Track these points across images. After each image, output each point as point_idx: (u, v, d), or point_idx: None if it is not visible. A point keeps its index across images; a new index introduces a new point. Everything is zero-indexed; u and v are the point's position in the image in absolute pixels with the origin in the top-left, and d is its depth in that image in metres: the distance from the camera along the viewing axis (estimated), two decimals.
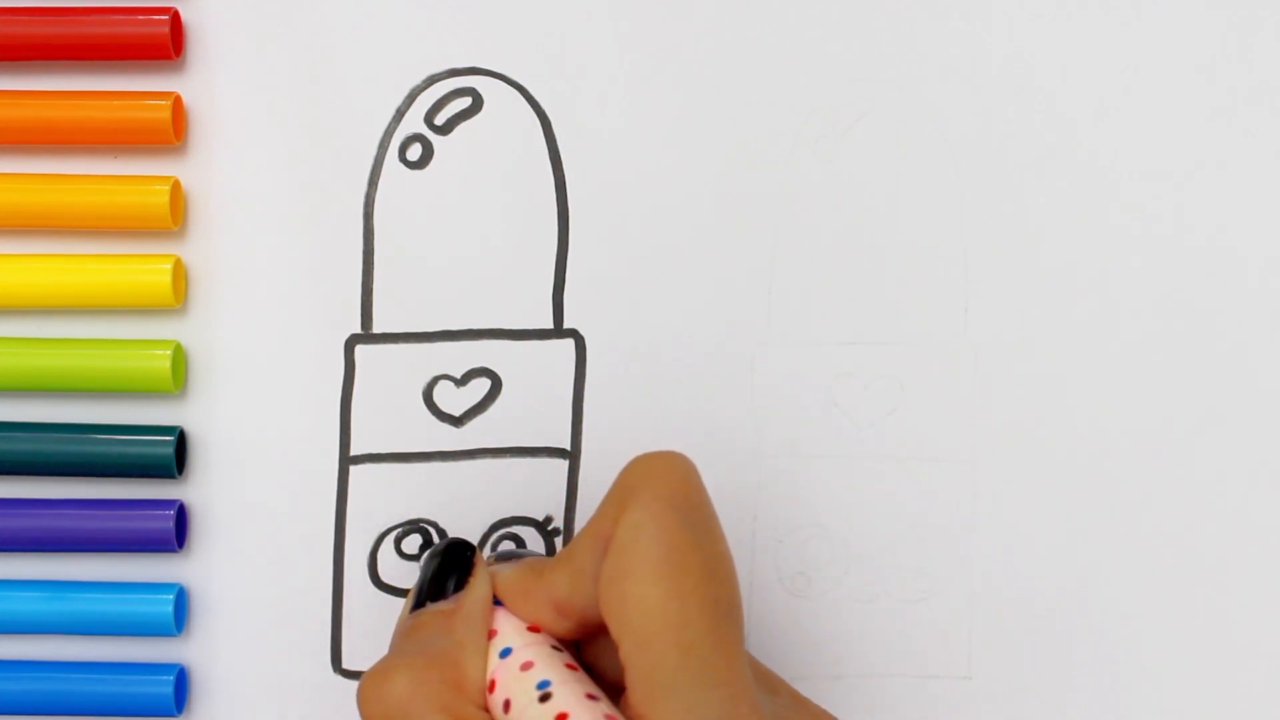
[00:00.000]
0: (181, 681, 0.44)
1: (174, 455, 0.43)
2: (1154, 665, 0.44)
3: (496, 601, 0.38)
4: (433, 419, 0.43)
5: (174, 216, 0.43)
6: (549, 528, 0.44)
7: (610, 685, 0.35)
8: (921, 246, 0.43)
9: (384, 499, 0.44)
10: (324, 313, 0.43)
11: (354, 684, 0.43)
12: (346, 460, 0.43)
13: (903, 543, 0.44)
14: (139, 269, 0.43)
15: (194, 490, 0.44)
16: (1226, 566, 0.43)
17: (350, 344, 0.43)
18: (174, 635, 0.43)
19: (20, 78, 0.43)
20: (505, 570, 0.38)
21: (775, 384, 0.44)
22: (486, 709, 0.35)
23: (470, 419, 0.43)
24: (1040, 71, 0.43)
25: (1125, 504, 0.43)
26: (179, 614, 0.43)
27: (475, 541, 0.44)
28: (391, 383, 0.43)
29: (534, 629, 0.37)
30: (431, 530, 0.44)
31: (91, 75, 0.43)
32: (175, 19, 0.43)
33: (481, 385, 0.43)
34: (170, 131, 0.42)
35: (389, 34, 0.43)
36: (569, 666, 0.35)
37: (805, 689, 0.43)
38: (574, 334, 0.43)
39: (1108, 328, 0.43)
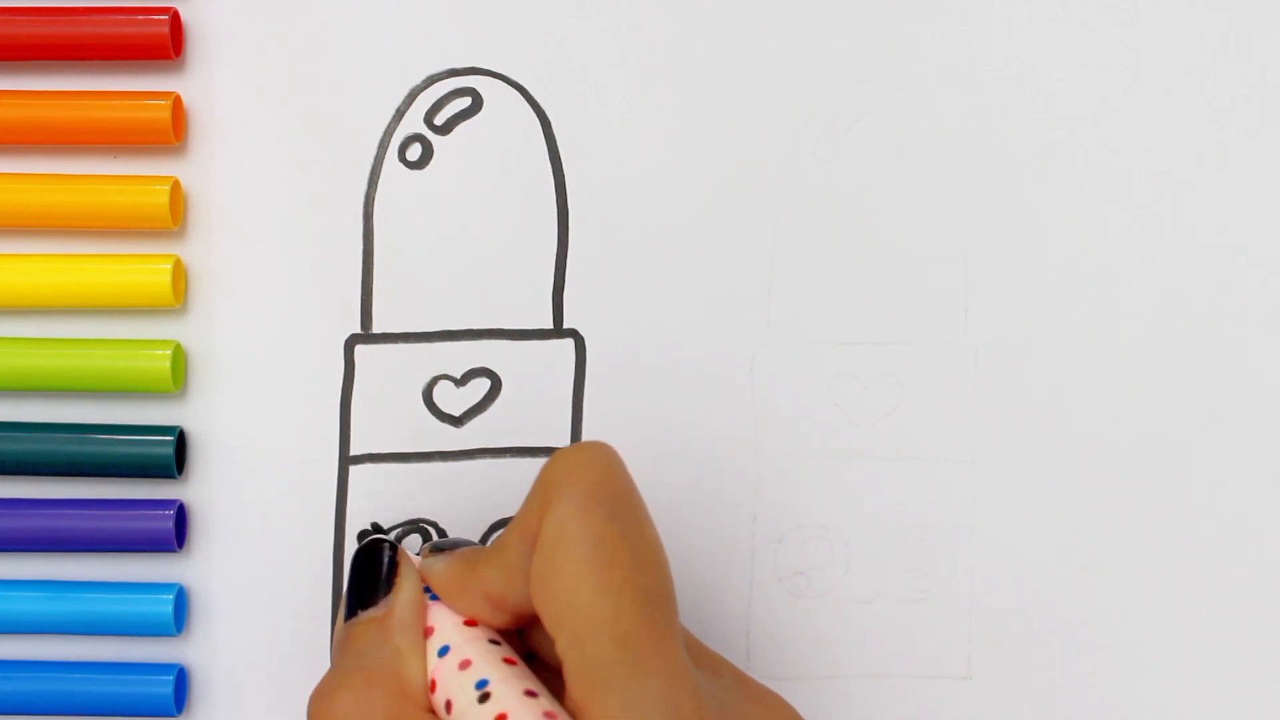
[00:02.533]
0: (181, 681, 0.44)
1: (174, 455, 0.43)
2: (1154, 665, 0.44)
3: (432, 595, 0.38)
4: (433, 419, 0.43)
5: (174, 216, 0.43)
6: None
7: (554, 672, 0.35)
8: (921, 246, 0.43)
9: (384, 499, 0.44)
10: (324, 313, 0.43)
11: None
12: (346, 460, 0.43)
13: (903, 543, 0.44)
14: (139, 269, 0.43)
15: (194, 490, 0.44)
16: (1226, 566, 0.43)
17: (350, 344, 0.43)
18: (174, 635, 0.43)
19: (20, 78, 0.43)
20: (437, 565, 0.38)
21: (775, 384, 0.44)
22: (431, 710, 0.36)
23: (470, 419, 0.43)
24: (1040, 71, 0.43)
25: (1125, 504, 0.43)
26: (179, 614, 0.43)
27: (476, 541, 0.44)
28: (391, 383, 0.43)
29: (470, 623, 0.37)
30: (431, 530, 0.44)
31: (91, 75, 0.43)
32: (175, 19, 0.43)
33: (481, 385, 0.43)
34: (170, 131, 0.42)
35: (389, 34, 0.43)
36: (507, 661, 0.35)
37: (805, 689, 0.44)
38: (574, 334, 0.43)
39: (1108, 328, 0.43)
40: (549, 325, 0.43)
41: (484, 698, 0.34)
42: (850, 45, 0.43)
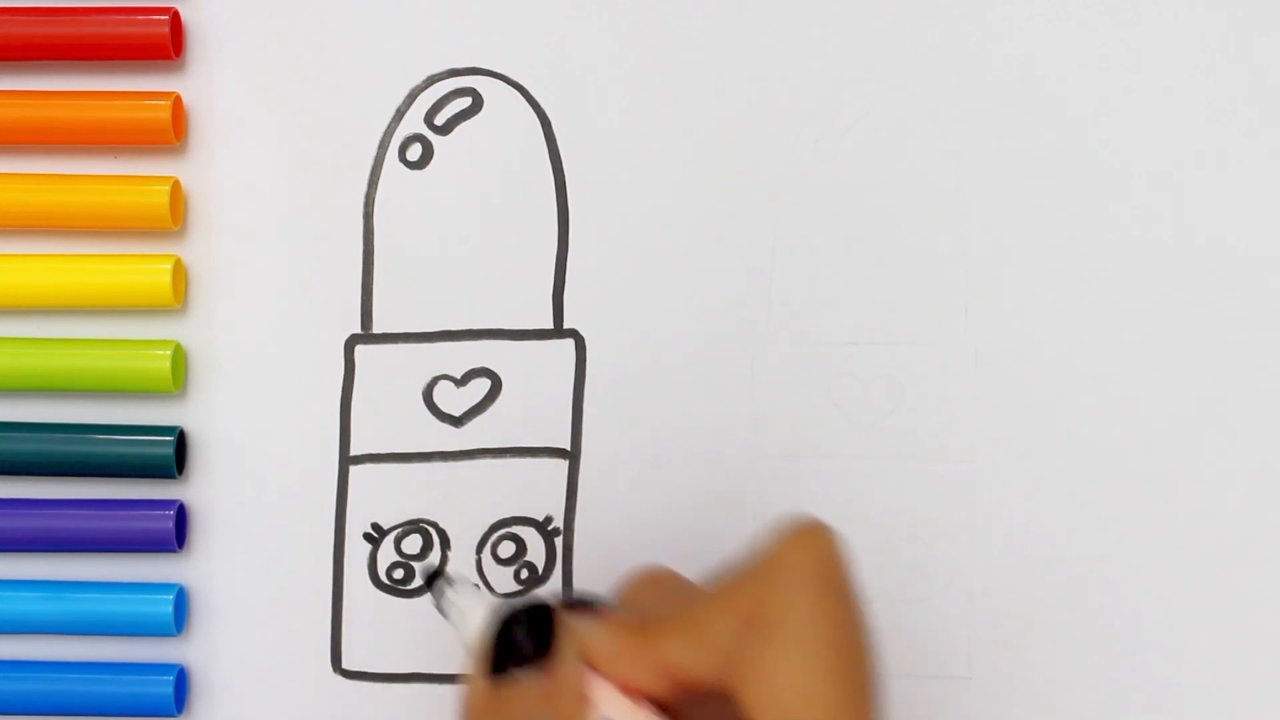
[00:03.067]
0: (181, 681, 0.44)
1: (174, 455, 0.43)
2: (1153, 665, 0.44)
3: None
4: (433, 419, 0.43)
5: (174, 216, 0.43)
6: (549, 528, 0.44)
7: None
8: (921, 246, 0.43)
9: (384, 499, 0.44)
10: (324, 313, 0.43)
11: (354, 684, 0.44)
12: (346, 460, 0.43)
13: (903, 543, 0.44)
14: (139, 269, 0.43)
15: (194, 490, 0.44)
16: (1226, 565, 0.43)
17: (350, 344, 0.43)
18: (174, 635, 0.43)
19: (20, 78, 0.43)
20: (594, 630, 0.35)
21: (775, 384, 0.44)
22: None
23: (470, 419, 0.43)
24: (1040, 71, 0.43)
25: (1124, 503, 0.43)
26: (179, 614, 0.43)
27: (475, 542, 0.44)
28: (391, 383, 0.43)
29: (627, 690, 0.34)
30: (431, 530, 0.44)
31: (91, 75, 0.43)
32: (175, 19, 0.43)
33: (481, 385, 0.43)
34: (170, 131, 0.42)
35: (389, 34, 0.43)
36: None
37: None
38: (574, 334, 0.43)
39: (1108, 327, 0.43)
40: (549, 325, 0.43)
41: None
42: (850, 45, 0.43)
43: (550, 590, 0.43)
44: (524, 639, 0.35)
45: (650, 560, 0.43)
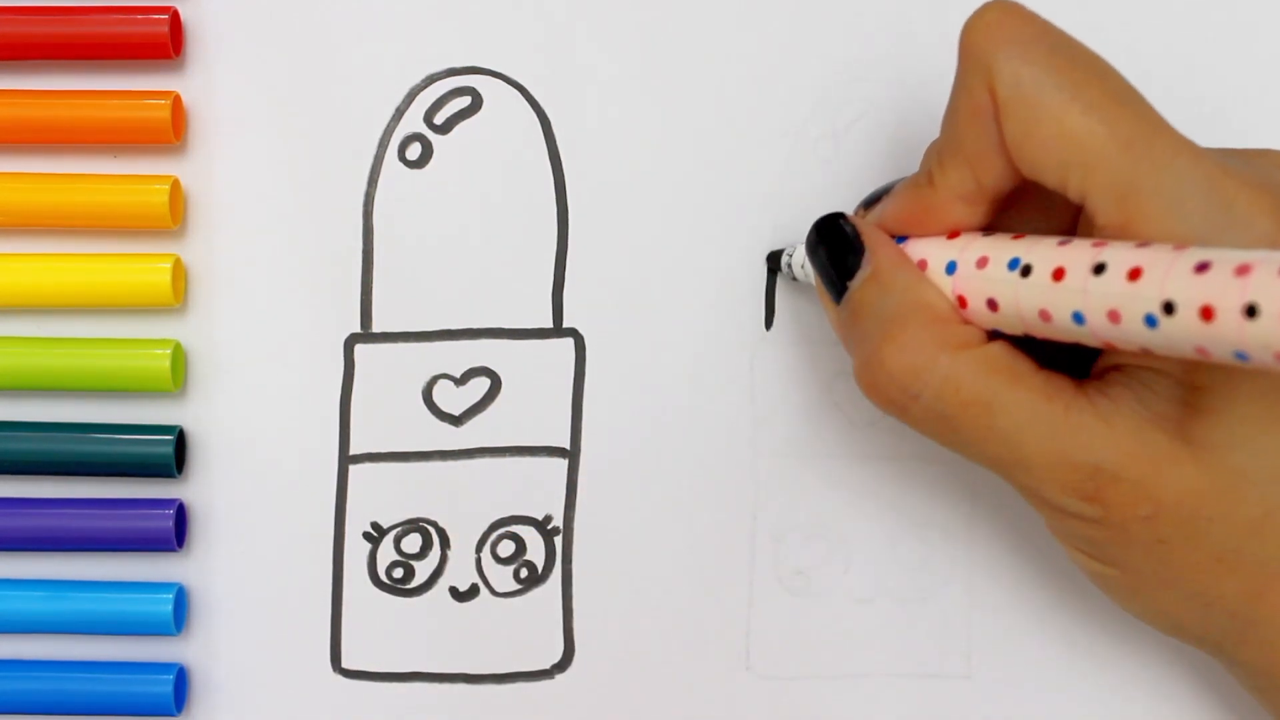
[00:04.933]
0: (181, 681, 0.44)
1: (174, 454, 0.43)
2: (1153, 664, 0.44)
3: (899, 239, 0.37)
4: (432, 418, 0.43)
5: (174, 216, 0.43)
6: (548, 527, 0.44)
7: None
8: None
9: (384, 498, 0.44)
10: (324, 312, 0.43)
11: (354, 683, 0.44)
12: (346, 459, 0.43)
13: (903, 543, 0.44)
14: (139, 268, 0.43)
15: (194, 490, 0.44)
16: None
17: (350, 343, 0.43)
18: (174, 635, 0.43)
19: (20, 78, 0.43)
20: (886, 207, 0.38)
21: (775, 384, 0.44)
22: (968, 323, 0.36)
23: (470, 418, 0.43)
24: None
25: None
26: (179, 613, 0.43)
27: (475, 541, 0.44)
28: (391, 382, 0.43)
29: (953, 235, 0.37)
30: (431, 529, 0.44)
31: (91, 75, 0.43)
32: (175, 18, 0.43)
33: (481, 384, 0.43)
34: (170, 131, 0.42)
35: (388, 34, 0.43)
36: (1016, 238, 0.35)
37: (805, 688, 0.44)
38: (574, 333, 0.43)
39: None
40: (549, 325, 0.44)
41: (1026, 271, 0.34)
42: (850, 45, 0.43)
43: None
44: (832, 255, 0.38)
45: (649, 560, 0.44)
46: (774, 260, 0.43)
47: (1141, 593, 0.37)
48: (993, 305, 0.35)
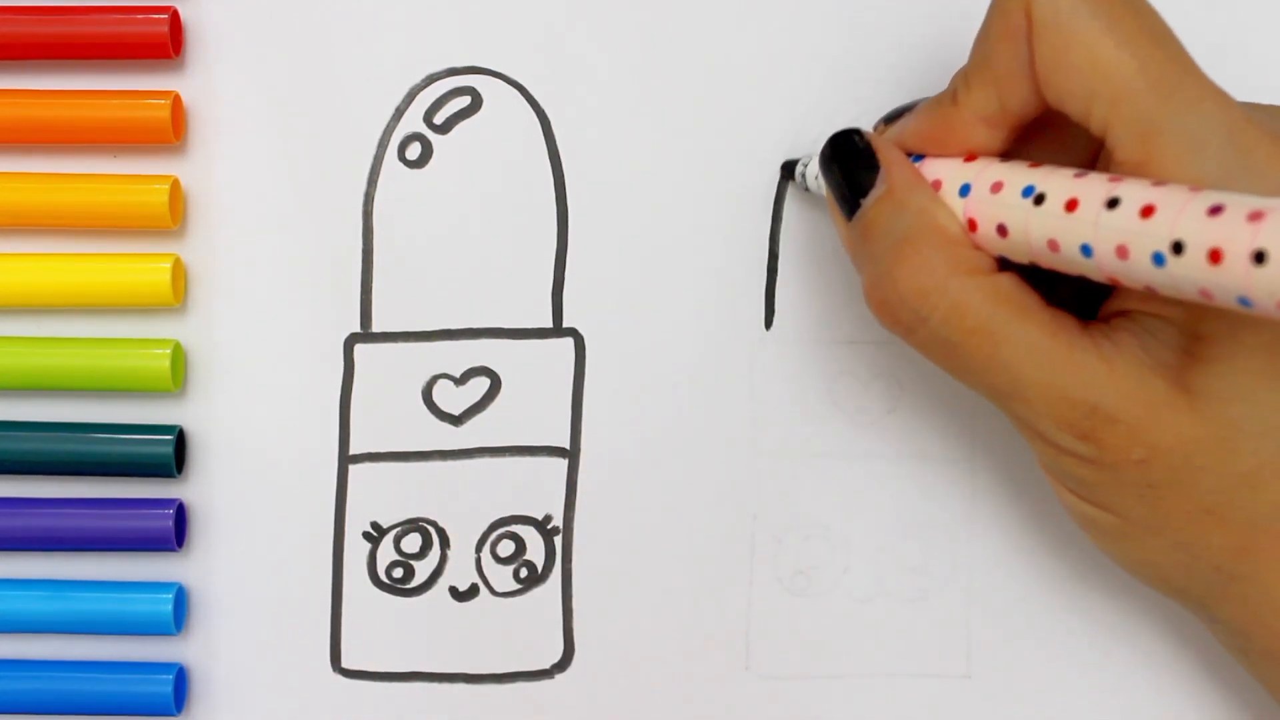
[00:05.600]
0: (181, 681, 0.44)
1: (173, 454, 0.43)
2: (1153, 664, 0.44)
3: (915, 158, 0.37)
4: (432, 418, 0.43)
5: (173, 216, 0.43)
6: (548, 527, 0.44)
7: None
8: None
9: (384, 498, 0.44)
10: (324, 312, 0.43)
11: (353, 683, 0.44)
12: (346, 459, 0.43)
13: (902, 542, 0.44)
14: (139, 268, 0.43)
15: (193, 489, 0.44)
16: None
17: (350, 343, 0.43)
18: (173, 634, 0.43)
19: (20, 78, 0.43)
20: (906, 125, 0.38)
21: (775, 383, 0.44)
22: (979, 249, 0.36)
23: (469, 418, 0.43)
24: None
25: None
26: (178, 613, 0.43)
27: (474, 541, 0.44)
28: (391, 382, 0.43)
29: (970, 159, 0.37)
30: (431, 529, 0.44)
31: (91, 75, 0.43)
32: (175, 18, 0.43)
33: (481, 384, 0.43)
34: (170, 131, 0.42)
35: (389, 34, 0.43)
36: (1033, 166, 0.35)
37: (805, 688, 0.44)
38: (573, 333, 0.43)
39: None
40: (549, 324, 0.44)
41: (1039, 199, 0.34)
42: (850, 45, 0.43)
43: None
44: (846, 171, 0.37)
45: (649, 560, 0.44)
46: (789, 169, 0.43)
47: (1128, 538, 0.37)
48: (1002, 231, 0.35)
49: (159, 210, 0.42)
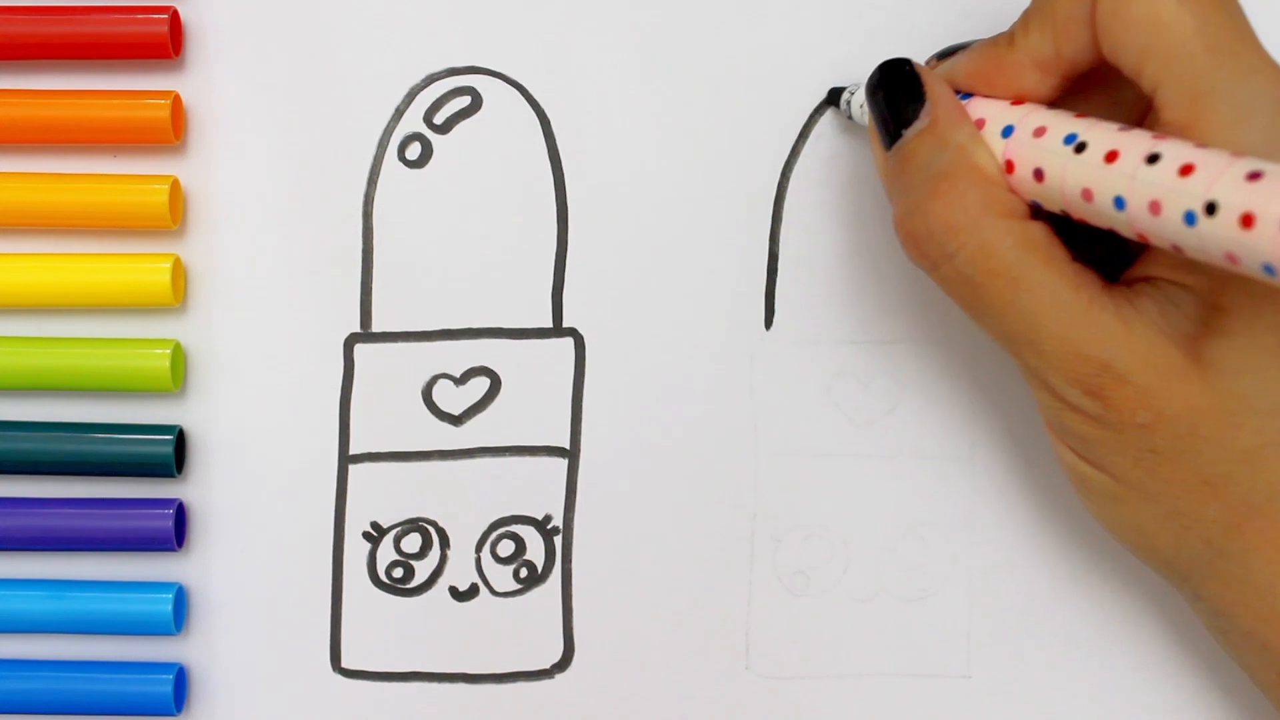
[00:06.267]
0: (181, 681, 0.44)
1: (173, 454, 0.43)
2: (1153, 664, 0.44)
3: (963, 96, 0.38)
4: (432, 418, 0.43)
5: (173, 216, 0.43)
6: (548, 527, 0.44)
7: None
8: None
9: (384, 498, 0.44)
10: (324, 312, 0.43)
11: (353, 683, 0.44)
12: (346, 459, 0.43)
13: (902, 542, 0.44)
14: (138, 268, 0.43)
15: (193, 489, 0.44)
16: None
17: (350, 343, 0.43)
18: (173, 634, 0.43)
19: (20, 77, 0.43)
20: (958, 62, 0.38)
21: (775, 384, 0.44)
22: (1013, 192, 0.36)
23: (470, 418, 0.43)
24: None
25: None
26: (178, 613, 0.43)
27: (474, 541, 0.44)
28: (391, 382, 0.43)
29: (1017, 102, 0.37)
30: (431, 529, 0.44)
31: (91, 75, 0.43)
32: (175, 18, 0.43)
33: (481, 384, 0.43)
34: (170, 130, 0.42)
35: (389, 34, 0.43)
36: (1078, 116, 0.35)
37: (805, 688, 0.44)
38: (573, 333, 0.43)
39: None
40: (549, 324, 0.44)
41: (1080, 147, 0.34)
42: (850, 45, 0.43)
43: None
44: (891, 100, 0.37)
45: (649, 560, 0.44)
46: (834, 96, 0.43)
47: (1121, 502, 0.37)
48: (1039, 175, 0.35)
49: (159, 210, 0.42)
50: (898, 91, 0.38)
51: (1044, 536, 0.43)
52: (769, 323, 0.43)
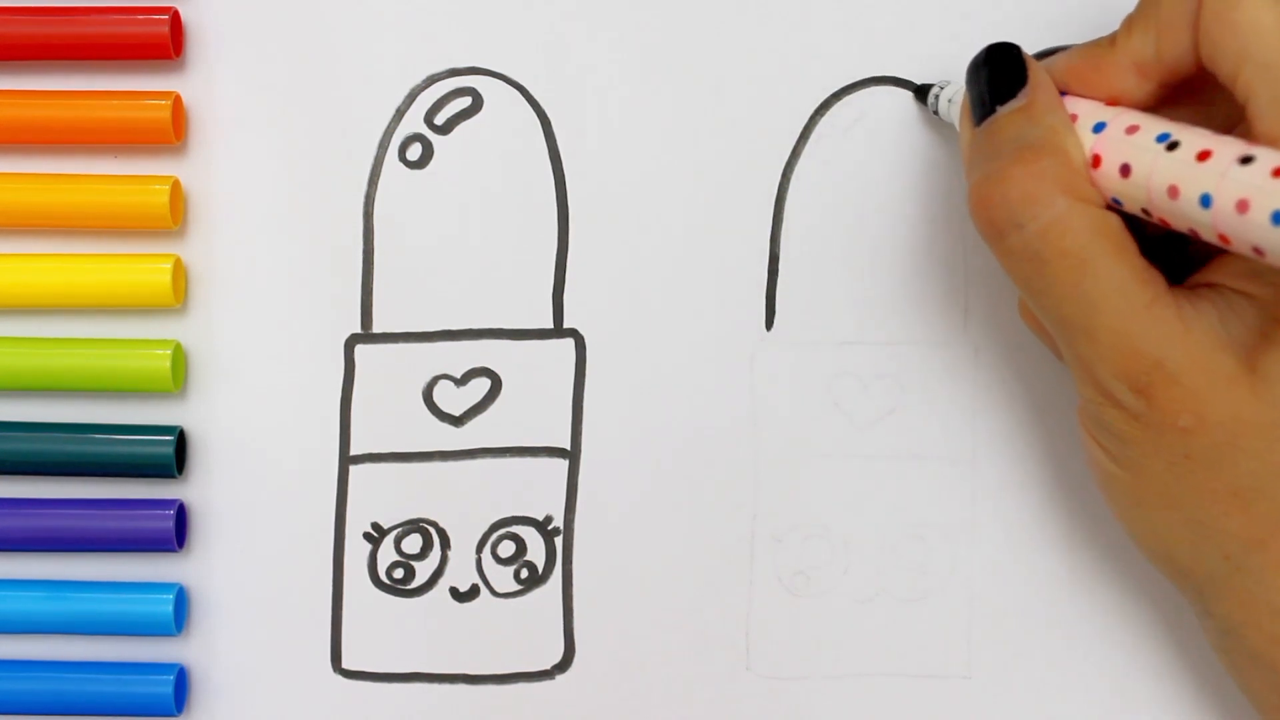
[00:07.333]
0: (181, 681, 0.44)
1: (174, 455, 0.43)
2: (1153, 665, 0.44)
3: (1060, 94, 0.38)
4: (433, 419, 0.43)
5: (174, 216, 0.43)
6: (549, 527, 0.44)
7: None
8: (921, 246, 0.43)
9: (384, 499, 0.44)
10: (324, 313, 0.43)
11: (354, 683, 0.44)
12: (346, 460, 0.43)
13: (902, 543, 0.44)
14: (139, 269, 0.43)
15: (194, 490, 0.44)
16: None
17: (350, 344, 0.43)
18: (174, 635, 0.43)
19: (20, 78, 0.43)
20: (1058, 60, 0.38)
21: (775, 384, 0.44)
22: (1094, 185, 0.36)
23: (470, 419, 0.43)
24: None
25: None
26: (179, 614, 0.43)
27: (475, 541, 0.44)
28: (391, 382, 0.43)
29: (1112, 103, 0.37)
30: (431, 530, 0.44)
31: (91, 75, 0.43)
32: (175, 19, 0.43)
33: (481, 385, 0.43)
34: (170, 131, 0.42)
35: (389, 34, 0.43)
36: (1173, 120, 0.35)
37: (805, 688, 0.44)
38: (574, 334, 0.43)
39: None
40: (549, 325, 0.44)
41: (1172, 146, 0.34)
42: (850, 45, 0.43)
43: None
44: (993, 77, 0.37)
45: (649, 560, 0.44)
46: (921, 94, 0.43)
47: (1145, 505, 0.37)
48: (1125, 171, 0.35)
49: (159, 211, 0.42)
50: (1002, 71, 0.37)
51: (1044, 537, 0.43)
52: (770, 323, 0.43)
